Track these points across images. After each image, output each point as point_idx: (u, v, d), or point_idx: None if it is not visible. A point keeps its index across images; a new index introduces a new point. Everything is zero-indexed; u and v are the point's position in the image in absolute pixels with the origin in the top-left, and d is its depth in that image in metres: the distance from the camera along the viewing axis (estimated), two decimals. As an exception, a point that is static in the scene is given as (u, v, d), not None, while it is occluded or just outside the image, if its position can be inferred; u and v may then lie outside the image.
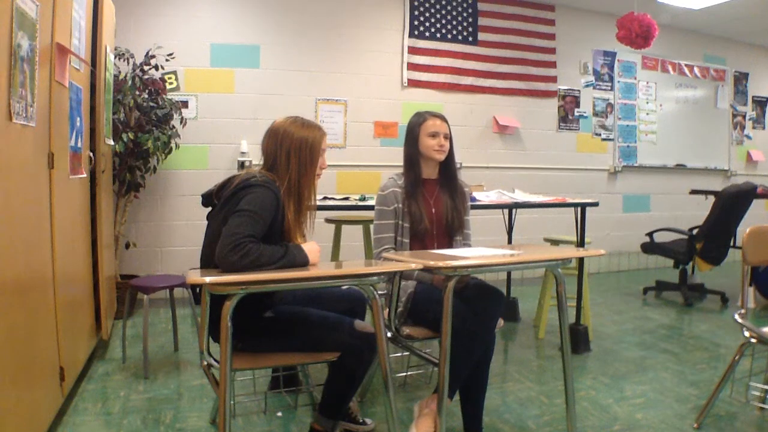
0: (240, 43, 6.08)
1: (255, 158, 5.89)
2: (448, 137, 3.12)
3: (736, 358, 3.04)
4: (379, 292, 2.36)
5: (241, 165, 5.90)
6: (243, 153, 5.99)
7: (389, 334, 2.85)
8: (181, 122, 5.58)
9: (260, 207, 2.35)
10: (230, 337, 2.12)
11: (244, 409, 3.29)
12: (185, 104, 5.84)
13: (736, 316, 3.03)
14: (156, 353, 4.22)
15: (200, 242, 2.52)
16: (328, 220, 5.10)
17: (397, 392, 3.50)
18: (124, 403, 3.32)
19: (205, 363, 2.41)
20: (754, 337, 2.95)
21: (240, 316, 2.18)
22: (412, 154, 3.13)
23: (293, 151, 2.60)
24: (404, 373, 3.82)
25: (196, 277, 2.07)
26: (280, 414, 3.24)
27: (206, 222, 2.57)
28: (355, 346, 2.51)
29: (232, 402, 2.84)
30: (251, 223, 2.29)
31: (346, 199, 4.23)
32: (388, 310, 2.87)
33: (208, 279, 2.05)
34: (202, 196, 2.67)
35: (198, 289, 2.52)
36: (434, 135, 3.08)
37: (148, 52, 5.43)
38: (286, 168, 2.58)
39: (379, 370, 2.44)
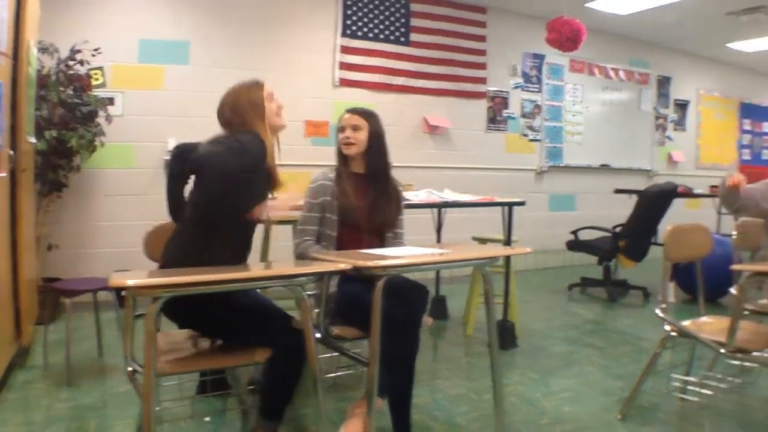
0: (169, 39, 5.95)
1: (183, 157, 5.80)
2: (360, 129, 3.12)
3: (658, 351, 3.14)
4: (309, 292, 2.34)
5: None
6: (170, 152, 5.86)
7: (318, 335, 2.84)
8: (106, 119, 5.43)
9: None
10: (155, 340, 2.07)
11: (172, 414, 3.22)
12: (111, 101, 5.67)
13: (658, 311, 3.13)
14: (80, 359, 4.09)
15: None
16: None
17: (328, 393, 3.49)
18: (47, 413, 3.21)
19: (130, 369, 2.35)
20: (674, 331, 3.06)
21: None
22: (337, 149, 3.20)
23: (239, 107, 2.76)
24: (335, 374, 3.80)
25: (119, 279, 2.01)
26: (208, 419, 3.18)
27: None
28: (289, 343, 2.50)
29: (158, 408, 2.78)
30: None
31: (275, 199, 4.16)
32: (317, 310, 2.86)
33: (131, 282, 1.99)
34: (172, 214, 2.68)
35: (122, 292, 2.46)
36: (341, 129, 3.14)
37: (73, 47, 5.26)
38: (241, 124, 2.66)
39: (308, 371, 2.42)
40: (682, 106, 10.04)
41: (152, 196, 5.57)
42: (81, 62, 5.31)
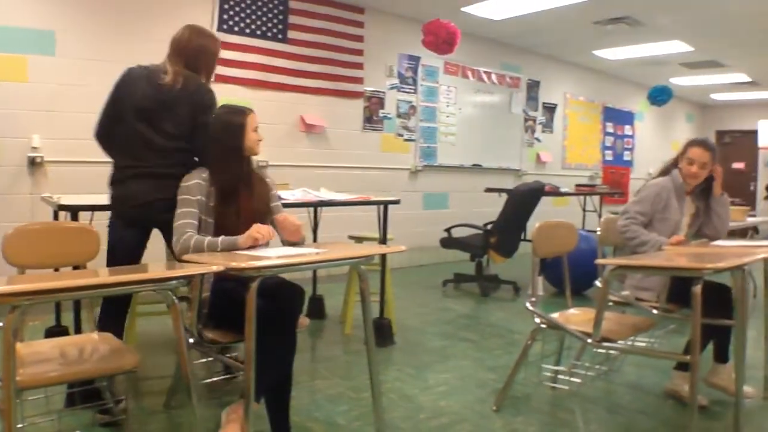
0: (33, 27, 5.51)
1: (48, 154, 5.44)
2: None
3: (529, 342, 3.25)
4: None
5: (32, 162, 5.43)
6: (35, 148, 5.47)
7: (191, 340, 2.74)
8: (-38, 113, 5.04)
9: None
10: (14, 352, 1.92)
11: (37, 430, 3.01)
12: (-32, 93, 5.27)
13: (528, 304, 3.24)
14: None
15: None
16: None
17: (204, 399, 3.39)
18: None
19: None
20: (544, 323, 3.17)
21: None
22: (237, 149, 3.01)
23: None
24: (211, 379, 3.69)
25: None
26: (78, 433, 3.02)
27: None
28: None
29: (22, 425, 2.61)
30: None
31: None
32: (191, 313, 2.76)
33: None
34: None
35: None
36: (257, 129, 3.06)
37: None
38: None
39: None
40: (550, 109, 10.48)
41: (14, 196, 5.23)
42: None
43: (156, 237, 3.27)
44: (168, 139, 3.10)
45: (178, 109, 3.10)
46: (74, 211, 3.17)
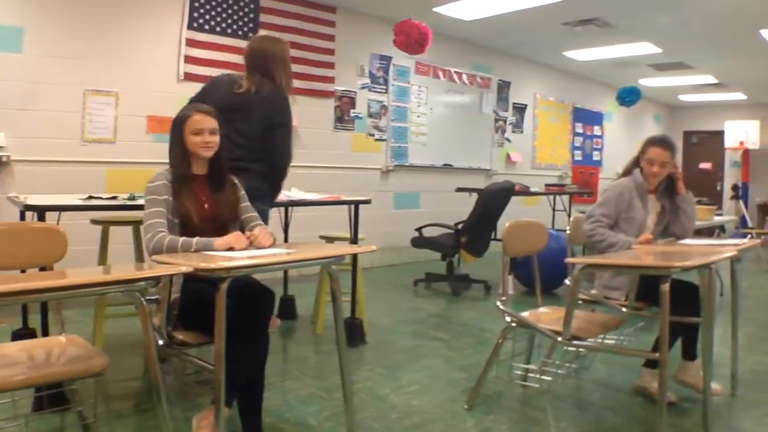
0: (0, 23, 5.45)
1: (14, 153, 5.33)
2: (216, 131, 2.98)
3: (500, 341, 3.27)
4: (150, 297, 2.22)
5: (-2, 161, 5.33)
6: (1, 147, 5.36)
7: (161, 342, 2.70)
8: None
9: None
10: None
11: (3, 434, 2.96)
12: (-68, 90, 5.15)
13: (498, 303, 3.26)
14: None
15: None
16: (94, 222, 4.72)
17: (175, 402, 3.34)
18: None
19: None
20: (514, 322, 3.19)
21: None
22: (179, 151, 2.95)
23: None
24: (182, 381, 3.66)
25: None
26: (44, 437, 2.96)
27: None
28: None
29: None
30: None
31: (114, 198, 3.92)
32: (160, 315, 2.71)
33: None
34: None
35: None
36: (198, 132, 2.91)
37: None
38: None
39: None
40: (520, 109, 10.55)
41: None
42: None
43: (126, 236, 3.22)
44: (242, 137, 3.50)
45: (252, 113, 3.50)
46: (41, 211, 3.11)
